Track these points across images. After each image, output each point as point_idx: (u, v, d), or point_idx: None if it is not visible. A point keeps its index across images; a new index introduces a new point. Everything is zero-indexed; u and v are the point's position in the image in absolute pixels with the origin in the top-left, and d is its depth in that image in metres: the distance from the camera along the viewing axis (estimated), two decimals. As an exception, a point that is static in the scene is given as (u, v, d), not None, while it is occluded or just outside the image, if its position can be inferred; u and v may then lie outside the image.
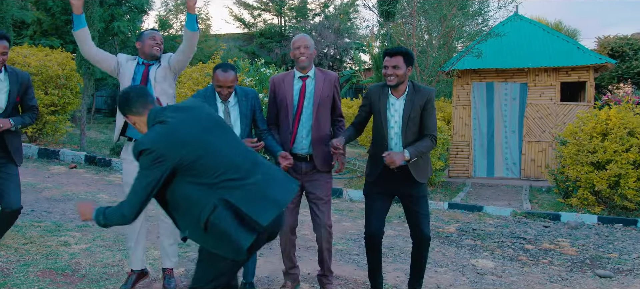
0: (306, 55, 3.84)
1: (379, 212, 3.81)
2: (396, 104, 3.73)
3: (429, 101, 3.71)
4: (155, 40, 3.87)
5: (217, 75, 3.66)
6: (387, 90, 3.76)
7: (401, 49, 3.68)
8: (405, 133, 3.70)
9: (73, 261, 4.56)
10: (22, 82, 3.99)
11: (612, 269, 5.42)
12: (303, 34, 3.97)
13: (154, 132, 2.49)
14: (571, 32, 27.00)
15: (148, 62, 3.89)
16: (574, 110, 12.56)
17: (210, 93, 3.75)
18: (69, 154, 10.13)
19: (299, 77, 3.91)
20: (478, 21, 12.46)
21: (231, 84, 3.67)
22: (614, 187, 8.36)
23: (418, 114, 3.69)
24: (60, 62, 10.72)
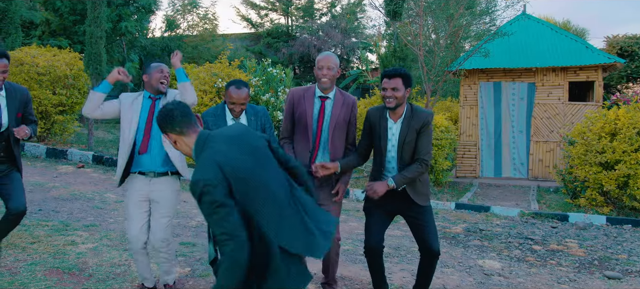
0: (329, 77, 3.78)
1: (378, 226, 3.75)
2: (393, 127, 3.70)
3: (425, 125, 3.65)
4: (163, 73, 3.76)
5: (230, 92, 3.66)
6: (386, 113, 3.72)
7: (400, 71, 3.61)
8: (401, 157, 3.66)
9: (80, 261, 4.57)
10: (20, 99, 4.04)
11: (621, 271, 5.37)
12: (328, 54, 3.89)
13: (204, 166, 2.29)
14: (580, 32, 26.82)
15: (155, 97, 3.79)
16: (582, 110, 12.47)
17: (220, 111, 3.77)
18: (76, 153, 10.18)
19: (319, 96, 3.86)
20: (485, 20, 12.40)
21: (244, 101, 3.68)
22: (622, 187, 8.30)
23: (414, 138, 3.64)
24: (68, 62, 10.78)
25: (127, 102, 3.79)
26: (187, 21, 26.06)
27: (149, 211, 3.76)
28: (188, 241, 5.46)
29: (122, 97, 3.86)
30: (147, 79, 3.76)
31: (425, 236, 3.66)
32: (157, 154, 3.72)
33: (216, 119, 3.72)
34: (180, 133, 2.50)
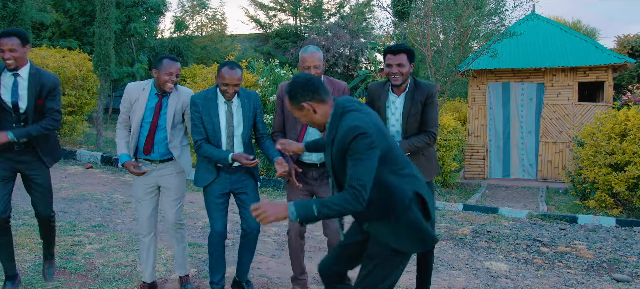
0: (316, 75, 3.67)
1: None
2: (397, 101, 3.68)
3: (430, 97, 3.63)
4: (171, 75, 3.68)
5: (223, 73, 3.56)
6: (388, 87, 3.70)
7: (404, 46, 3.60)
8: (406, 130, 3.64)
9: (87, 261, 4.60)
10: (42, 84, 3.73)
11: (630, 274, 5.31)
12: (312, 50, 3.75)
13: (363, 119, 2.41)
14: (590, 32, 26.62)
15: (162, 94, 3.77)
16: (592, 110, 12.37)
17: (212, 95, 3.67)
18: (85, 154, 10.25)
19: None
20: (494, 21, 12.34)
21: (237, 83, 3.58)
22: (632, 189, 8.21)
23: (419, 110, 3.62)
24: (77, 63, 10.86)
25: (134, 95, 3.79)
26: (196, 22, 26.15)
27: (157, 196, 3.90)
28: (194, 242, 5.48)
29: (129, 89, 3.83)
30: (157, 75, 3.73)
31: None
32: (162, 146, 3.78)
33: (206, 102, 3.62)
34: (322, 101, 2.54)
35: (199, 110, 3.61)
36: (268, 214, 2.40)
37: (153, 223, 3.90)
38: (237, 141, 3.69)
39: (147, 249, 3.91)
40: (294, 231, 3.85)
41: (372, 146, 2.36)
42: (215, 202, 3.69)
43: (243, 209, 3.74)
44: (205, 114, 3.61)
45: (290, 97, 2.55)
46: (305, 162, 3.83)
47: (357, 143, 2.35)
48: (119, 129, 3.87)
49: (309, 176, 3.82)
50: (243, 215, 3.75)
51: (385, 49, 3.65)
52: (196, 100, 3.64)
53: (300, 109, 2.55)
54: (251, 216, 3.52)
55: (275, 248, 5.54)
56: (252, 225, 3.73)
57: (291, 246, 3.94)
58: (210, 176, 3.68)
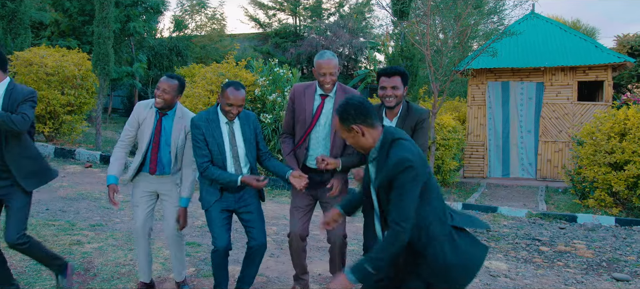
0: (332, 83, 3.71)
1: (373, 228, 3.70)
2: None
3: (420, 122, 3.60)
4: (159, 90, 3.68)
5: (228, 94, 3.48)
6: (383, 111, 3.65)
7: (399, 69, 3.55)
8: None
9: (85, 260, 4.59)
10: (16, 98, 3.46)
11: (630, 273, 5.31)
12: (329, 56, 3.69)
13: (411, 150, 2.46)
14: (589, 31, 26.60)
15: (163, 112, 3.77)
16: (591, 110, 12.37)
17: (213, 115, 3.58)
18: (84, 153, 10.24)
19: (319, 94, 3.79)
20: (493, 20, 12.33)
21: (242, 103, 3.54)
22: (632, 188, 8.21)
23: (409, 135, 3.55)
24: (76, 62, 10.84)
25: (141, 115, 3.81)
26: (195, 21, 26.12)
27: (154, 202, 3.92)
28: (193, 241, 5.47)
29: (138, 108, 3.85)
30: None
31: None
32: (166, 165, 3.80)
33: (209, 124, 3.55)
34: (371, 125, 2.56)
35: (203, 131, 3.53)
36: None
37: (148, 226, 3.89)
38: (243, 161, 3.65)
39: (143, 251, 3.91)
40: (296, 234, 3.82)
41: (416, 179, 2.41)
42: (218, 218, 3.60)
43: (249, 228, 3.68)
44: (209, 136, 3.53)
45: (341, 117, 2.56)
46: (310, 168, 3.80)
47: (403, 175, 2.40)
48: (117, 148, 3.85)
49: (313, 180, 3.76)
50: (249, 233, 3.69)
51: (379, 71, 3.60)
52: (198, 122, 3.54)
53: (348, 130, 2.57)
54: (258, 232, 3.63)
55: (274, 247, 5.53)
56: (259, 241, 3.67)
57: (292, 247, 3.90)
58: (213, 198, 3.61)
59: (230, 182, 3.51)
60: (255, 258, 3.73)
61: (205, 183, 3.64)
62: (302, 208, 3.82)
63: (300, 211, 3.82)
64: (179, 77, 3.84)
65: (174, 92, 3.72)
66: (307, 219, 3.87)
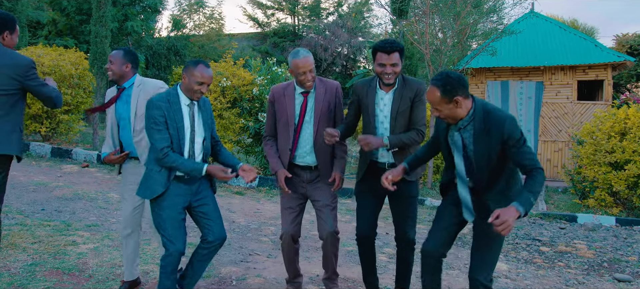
0: (312, 80, 3.64)
1: (368, 212, 3.65)
2: (385, 98, 3.56)
3: (418, 94, 3.52)
4: (109, 62, 3.74)
5: (199, 71, 3.22)
6: (376, 84, 3.58)
7: (397, 45, 3.44)
8: (394, 128, 3.53)
9: (80, 261, 4.53)
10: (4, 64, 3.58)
11: (631, 273, 5.26)
12: (304, 54, 3.61)
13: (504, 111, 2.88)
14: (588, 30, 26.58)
15: (120, 87, 3.76)
16: (591, 109, 12.33)
17: (174, 97, 3.27)
18: (81, 153, 10.16)
19: (300, 92, 3.72)
20: (493, 19, 12.27)
21: (211, 83, 3.35)
22: (632, 188, 8.17)
23: (408, 107, 3.51)
24: (73, 61, 10.77)
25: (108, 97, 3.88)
26: (194, 21, 26.05)
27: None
28: (189, 242, 5.40)
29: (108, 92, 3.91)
30: None
31: (404, 224, 3.59)
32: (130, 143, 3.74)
33: (170, 105, 3.24)
34: (467, 96, 2.83)
35: (164, 113, 3.21)
36: (510, 223, 2.57)
37: (135, 221, 3.83)
38: (199, 148, 3.38)
39: (126, 246, 3.86)
40: (287, 235, 3.76)
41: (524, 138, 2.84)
42: (176, 219, 3.25)
43: (206, 221, 3.39)
44: (169, 118, 3.22)
45: (444, 90, 2.77)
46: (299, 165, 3.75)
47: (518, 129, 2.78)
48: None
49: (303, 178, 3.74)
50: (207, 227, 3.38)
51: (376, 46, 3.44)
52: (159, 102, 3.22)
53: (449, 102, 2.79)
54: (217, 226, 3.36)
55: (272, 248, 5.47)
56: (220, 235, 3.41)
57: (284, 250, 3.85)
58: (160, 188, 3.24)
59: (193, 171, 3.23)
60: (212, 255, 3.46)
61: (153, 171, 3.28)
62: (293, 209, 3.77)
63: (292, 212, 3.77)
64: (126, 48, 3.81)
65: (119, 61, 3.68)
66: (299, 220, 3.82)
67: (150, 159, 3.32)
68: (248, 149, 10.35)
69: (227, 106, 9.75)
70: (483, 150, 2.85)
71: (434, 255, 3.14)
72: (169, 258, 3.22)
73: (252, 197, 8.47)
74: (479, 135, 2.85)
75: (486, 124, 2.83)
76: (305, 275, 4.60)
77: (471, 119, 2.87)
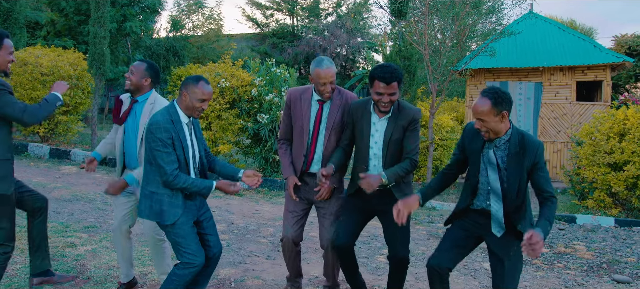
0: (330, 91, 3.58)
1: (352, 225, 3.54)
2: (378, 124, 3.48)
3: (413, 122, 3.44)
4: (128, 72, 3.71)
5: (201, 88, 3.15)
6: (370, 107, 3.49)
7: (398, 75, 3.31)
8: (386, 155, 3.46)
9: (78, 263, 4.51)
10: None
11: (630, 275, 5.25)
12: (328, 64, 3.55)
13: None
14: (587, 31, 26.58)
15: (134, 99, 3.73)
16: (590, 110, 12.33)
17: (175, 116, 3.18)
18: (80, 154, 10.15)
19: (317, 99, 3.68)
20: (492, 19, 12.28)
21: (211, 99, 3.32)
22: (631, 189, 8.16)
23: (401, 135, 3.44)
24: (72, 62, 10.75)
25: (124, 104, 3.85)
26: (192, 21, 26.07)
27: (134, 201, 3.78)
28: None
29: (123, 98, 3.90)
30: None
31: (396, 241, 3.48)
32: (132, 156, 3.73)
33: (175, 125, 3.15)
34: (508, 116, 2.97)
35: (172, 135, 3.12)
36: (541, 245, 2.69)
37: (127, 223, 3.82)
38: (198, 165, 3.34)
39: (120, 246, 3.84)
40: (288, 240, 3.73)
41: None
42: (192, 233, 3.23)
43: (207, 236, 3.37)
44: (176, 138, 3.14)
45: (495, 102, 2.90)
46: (309, 173, 3.72)
47: (544, 157, 3.00)
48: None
49: (310, 185, 3.69)
50: (207, 241, 3.38)
51: (376, 75, 3.32)
52: (166, 124, 3.11)
53: (496, 115, 2.91)
54: (216, 239, 3.39)
55: (271, 249, 5.46)
56: (219, 248, 3.42)
57: (285, 252, 3.84)
58: (178, 211, 3.18)
59: (204, 189, 3.16)
60: (212, 268, 3.43)
61: (163, 193, 3.17)
62: (297, 213, 3.74)
63: (295, 216, 3.74)
64: (150, 62, 3.78)
65: (140, 73, 3.65)
66: (302, 224, 3.79)
67: (150, 181, 3.19)
68: (247, 149, 10.34)
69: (226, 107, 9.73)
70: (516, 171, 2.96)
71: (440, 270, 3.13)
72: (192, 269, 3.18)
73: (250, 198, 8.46)
74: (513, 156, 2.96)
75: (521, 146, 2.97)
76: (304, 276, 4.59)
77: (508, 138, 2.99)
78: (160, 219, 3.19)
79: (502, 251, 3.05)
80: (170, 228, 3.19)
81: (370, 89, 3.39)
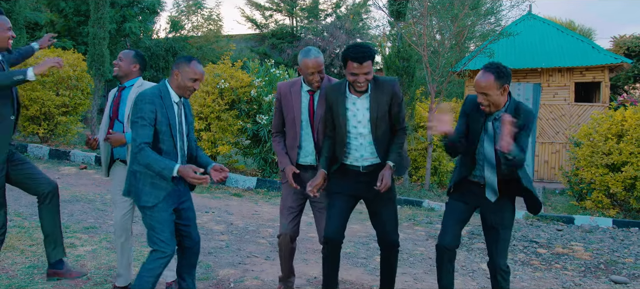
0: (320, 80, 3.60)
1: (341, 215, 3.47)
2: (358, 103, 3.44)
3: (395, 95, 3.41)
4: (118, 59, 3.81)
5: (193, 67, 3.17)
6: (345, 88, 3.46)
7: (370, 52, 3.28)
8: (376, 133, 3.43)
9: (78, 263, 4.54)
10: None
11: (628, 275, 5.28)
12: (315, 54, 3.58)
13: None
14: (585, 32, 26.64)
15: (122, 85, 3.82)
16: (588, 111, 12.37)
17: (165, 93, 3.19)
18: (79, 155, 10.16)
19: (307, 90, 3.70)
20: (490, 21, 12.30)
21: (203, 79, 3.30)
22: (629, 189, 8.19)
23: (386, 110, 3.41)
24: (71, 63, 10.77)
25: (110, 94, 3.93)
26: (192, 22, 26.04)
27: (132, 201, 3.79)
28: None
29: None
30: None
31: (385, 226, 3.50)
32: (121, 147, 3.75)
33: (163, 101, 3.15)
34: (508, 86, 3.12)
35: (156, 108, 3.11)
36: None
37: (125, 227, 3.83)
38: (185, 145, 3.32)
39: (120, 251, 3.86)
40: (286, 236, 3.78)
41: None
42: (170, 220, 3.18)
43: (184, 226, 3.33)
44: (161, 114, 3.12)
45: (498, 76, 3.05)
46: (301, 164, 3.75)
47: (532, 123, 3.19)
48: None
49: (305, 178, 3.71)
50: (187, 231, 3.35)
51: (349, 56, 3.28)
52: (153, 97, 3.12)
53: (499, 88, 3.06)
54: (195, 229, 3.35)
55: (270, 250, 5.49)
56: (198, 238, 3.40)
57: (281, 249, 3.87)
58: (162, 193, 3.13)
59: (165, 169, 3.00)
60: (194, 257, 3.41)
61: (147, 174, 3.12)
62: (294, 208, 3.77)
63: (292, 212, 3.77)
64: (138, 50, 3.89)
65: (129, 59, 3.75)
66: (298, 220, 3.83)
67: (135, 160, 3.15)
68: (246, 150, 10.36)
69: (226, 108, 9.75)
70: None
71: (451, 249, 3.31)
72: (163, 260, 3.12)
73: (250, 199, 8.48)
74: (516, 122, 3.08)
75: (516, 111, 3.14)
76: (303, 277, 4.62)
77: (505, 110, 3.15)
78: (138, 200, 3.15)
79: (497, 218, 3.28)
80: (148, 210, 3.13)
81: (344, 70, 3.37)
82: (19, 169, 3.76)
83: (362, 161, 3.50)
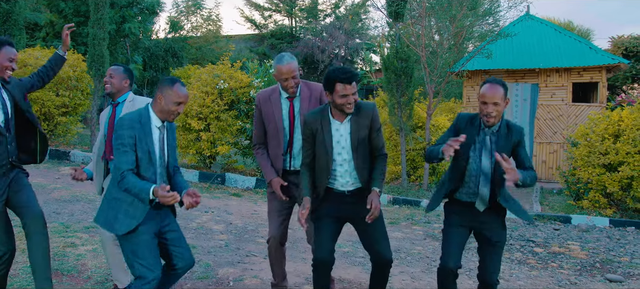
0: (296, 85, 3.60)
1: (329, 236, 3.37)
2: (341, 128, 3.36)
3: (374, 119, 3.37)
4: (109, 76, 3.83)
5: (178, 90, 3.04)
6: (327, 113, 3.37)
7: (356, 73, 3.25)
8: (356, 158, 3.36)
9: (79, 263, 4.58)
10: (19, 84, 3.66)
11: (623, 274, 5.33)
12: (289, 59, 3.58)
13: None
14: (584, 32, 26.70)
15: (115, 103, 3.83)
16: (585, 111, 12.42)
17: (146, 119, 3.06)
18: (79, 155, 10.21)
19: (286, 97, 3.70)
20: (488, 21, 12.36)
21: (187, 102, 3.14)
22: (626, 189, 8.25)
23: (366, 134, 3.36)
24: (71, 63, 10.82)
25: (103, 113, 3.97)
26: (191, 22, 26.11)
27: None
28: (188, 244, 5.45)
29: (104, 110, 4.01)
30: None
31: (378, 244, 3.38)
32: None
33: (143, 127, 3.03)
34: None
35: (135, 134, 3.00)
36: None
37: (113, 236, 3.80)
38: (164, 171, 3.19)
39: (109, 252, 3.86)
40: (275, 239, 3.78)
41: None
42: (153, 244, 3.06)
43: (175, 248, 3.20)
44: (141, 140, 3.01)
45: (505, 89, 3.18)
46: (288, 170, 3.75)
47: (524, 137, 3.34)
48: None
49: (295, 183, 3.72)
50: (177, 253, 3.20)
51: (338, 78, 3.20)
52: (132, 122, 3.00)
53: (503, 100, 3.16)
54: (186, 250, 3.23)
55: (269, 249, 5.52)
56: (190, 260, 3.26)
57: (271, 253, 3.87)
58: (133, 221, 3.00)
59: (142, 192, 2.90)
60: (178, 277, 3.29)
61: (124, 199, 3.03)
62: (281, 213, 3.78)
63: (279, 216, 3.78)
64: (124, 65, 3.96)
65: (120, 76, 3.79)
66: (286, 223, 3.84)
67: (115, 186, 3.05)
68: (245, 150, 10.40)
69: (225, 108, 9.80)
70: (504, 150, 3.21)
71: (455, 270, 3.31)
72: (147, 286, 2.97)
73: (249, 199, 8.52)
74: (503, 137, 3.25)
75: (508, 128, 3.28)
76: (302, 276, 4.67)
77: (500, 124, 3.26)
78: (111, 229, 3.06)
79: (493, 233, 3.33)
80: (122, 238, 3.04)
81: (330, 95, 3.26)
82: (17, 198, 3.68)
83: (347, 187, 3.41)
